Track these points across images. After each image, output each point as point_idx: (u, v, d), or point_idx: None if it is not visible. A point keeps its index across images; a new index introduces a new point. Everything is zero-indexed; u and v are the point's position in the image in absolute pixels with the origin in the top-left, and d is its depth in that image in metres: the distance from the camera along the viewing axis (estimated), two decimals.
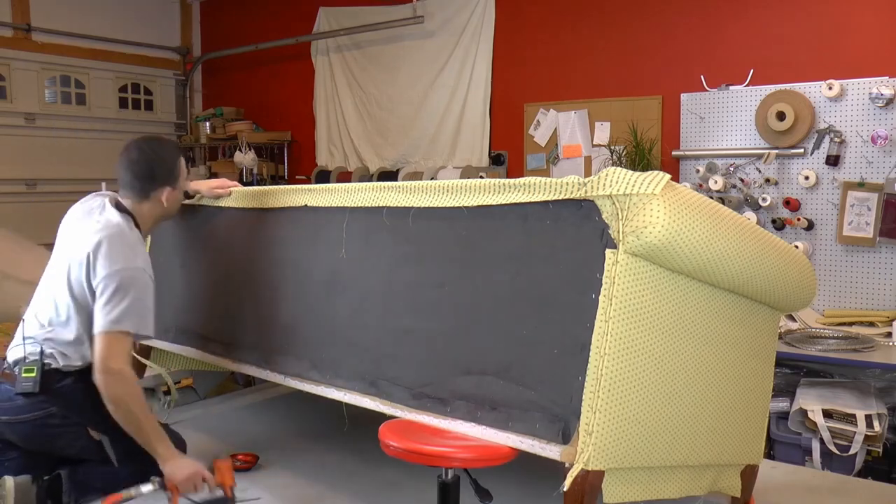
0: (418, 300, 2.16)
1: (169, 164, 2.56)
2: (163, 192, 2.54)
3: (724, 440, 2.07)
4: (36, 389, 2.36)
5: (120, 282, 2.35)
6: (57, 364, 2.41)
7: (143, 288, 2.41)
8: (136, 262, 2.41)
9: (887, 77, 3.65)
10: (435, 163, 5.38)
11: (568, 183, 1.80)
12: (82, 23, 6.21)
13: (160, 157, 2.55)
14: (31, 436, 2.41)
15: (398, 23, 5.42)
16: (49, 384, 2.39)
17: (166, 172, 2.55)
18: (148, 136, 2.70)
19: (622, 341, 1.71)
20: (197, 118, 6.76)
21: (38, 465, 2.43)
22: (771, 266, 1.98)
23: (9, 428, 2.40)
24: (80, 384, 2.43)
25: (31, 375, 2.37)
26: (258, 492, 2.50)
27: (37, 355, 2.40)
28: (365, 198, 2.32)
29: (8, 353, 2.49)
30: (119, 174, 2.54)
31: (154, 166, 2.53)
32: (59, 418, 2.40)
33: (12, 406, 2.38)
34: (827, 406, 3.14)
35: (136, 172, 2.51)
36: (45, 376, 2.38)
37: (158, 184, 2.53)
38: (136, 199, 2.54)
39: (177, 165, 2.59)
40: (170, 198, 2.57)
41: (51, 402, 2.39)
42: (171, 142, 2.60)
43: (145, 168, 2.52)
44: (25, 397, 2.37)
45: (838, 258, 3.83)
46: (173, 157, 2.59)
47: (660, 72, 4.44)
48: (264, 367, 2.66)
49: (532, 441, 1.84)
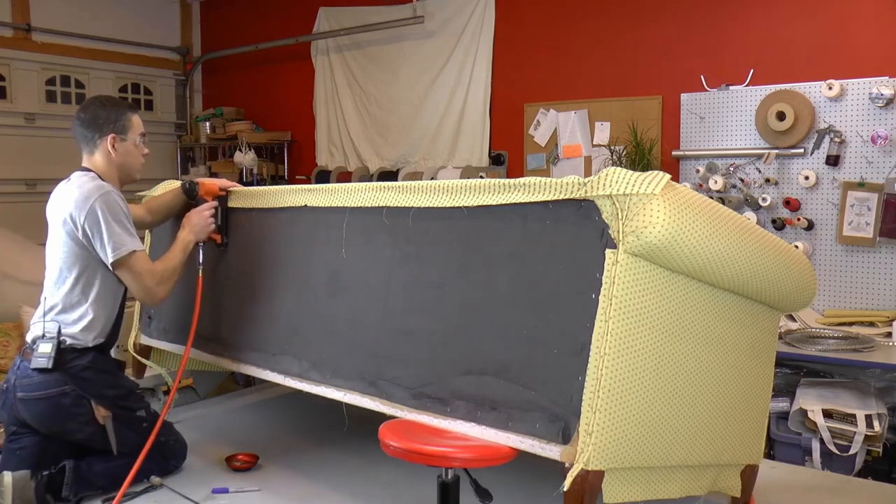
0: (418, 300, 2.16)
1: (114, 110, 2.62)
2: (109, 140, 2.59)
3: (724, 440, 2.07)
4: (50, 365, 2.43)
5: (100, 213, 2.44)
6: (72, 341, 2.48)
7: (118, 207, 2.49)
8: (103, 188, 2.50)
9: (887, 77, 3.65)
10: (435, 163, 5.38)
11: (568, 183, 1.80)
12: (82, 23, 6.20)
13: (106, 105, 2.64)
14: (44, 414, 2.46)
15: (398, 23, 5.42)
16: (64, 362, 2.45)
17: (111, 118, 2.59)
18: (101, 94, 2.83)
19: (622, 341, 1.71)
20: (197, 118, 6.76)
21: (45, 457, 2.48)
22: (771, 266, 1.98)
23: (24, 406, 2.46)
24: (94, 364, 2.50)
25: (45, 351, 2.44)
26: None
27: (54, 332, 2.47)
28: (365, 198, 2.32)
29: (28, 334, 2.57)
30: (72, 133, 2.64)
31: (98, 111, 2.60)
32: (72, 398, 2.46)
33: (30, 383, 2.45)
34: (827, 406, 3.14)
35: (82, 120, 2.60)
36: (60, 353, 2.45)
37: (104, 130, 2.59)
38: (88, 151, 2.62)
39: (123, 115, 2.63)
40: (119, 148, 2.61)
41: (65, 380, 2.45)
42: (122, 100, 2.78)
43: (90, 116, 2.60)
44: (41, 374, 2.44)
45: (838, 258, 3.83)
46: (120, 107, 2.66)
47: (660, 72, 4.44)
48: (264, 367, 2.66)
49: (532, 441, 1.84)
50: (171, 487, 2.53)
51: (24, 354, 2.52)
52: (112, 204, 2.46)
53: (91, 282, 2.51)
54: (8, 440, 2.52)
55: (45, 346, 2.45)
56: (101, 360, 2.55)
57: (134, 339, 3.27)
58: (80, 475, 2.45)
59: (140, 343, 3.26)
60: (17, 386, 2.46)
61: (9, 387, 2.48)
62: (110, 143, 2.58)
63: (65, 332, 2.48)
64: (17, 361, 2.53)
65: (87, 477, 2.47)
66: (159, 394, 3.39)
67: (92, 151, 2.60)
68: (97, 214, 2.43)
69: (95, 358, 2.52)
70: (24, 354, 2.52)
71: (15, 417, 2.49)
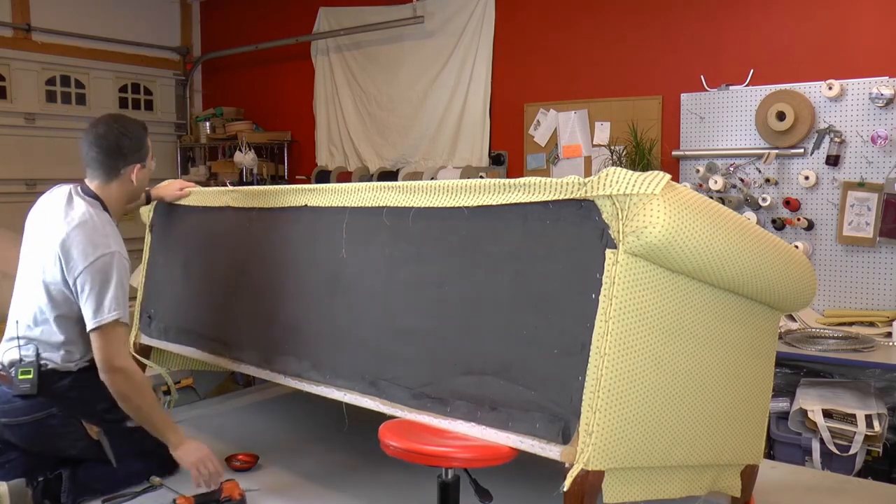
0: (418, 300, 2.16)
1: (137, 139, 2.49)
2: (132, 170, 2.48)
3: (724, 440, 2.07)
4: (34, 391, 2.35)
5: (100, 272, 2.30)
6: (54, 364, 2.40)
7: (123, 272, 2.36)
8: (111, 247, 2.35)
9: (887, 77, 3.65)
10: (435, 163, 5.38)
11: (568, 183, 1.80)
12: (82, 23, 6.21)
13: (129, 132, 2.47)
14: (32, 437, 2.40)
15: (398, 23, 5.42)
16: (48, 385, 2.38)
17: (136, 147, 2.48)
18: (114, 114, 2.65)
19: (622, 341, 1.71)
20: (197, 118, 6.76)
21: (39, 465, 2.42)
22: (771, 266, 1.98)
23: (9, 430, 2.40)
24: (78, 383, 2.43)
25: (28, 377, 2.35)
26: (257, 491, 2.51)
27: (32, 357, 2.38)
28: (365, 198, 2.32)
29: (1, 355, 2.46)
30: (85, 152, 2.46)
31: (123, 140, 2.45)
32: (60, 419, 2.40)
33: (12, 408, 2.37)
34: (827, 406, 3.14)
35: (104, 147, 2.43)
36: (42, 377, 2.37)
37: (128, 160, 2.47)
38: (103, 178, 2.47)
39: (144, 142, 2.52)
40: (139, 176, 2.51)
41: (50, 402, 2.38)
42: (137, 120, 2.57)
43: (114, 143, 2.43)
44: (24, 399, 2.36)
45: (838, 258, 3.83)
46: (141, 133, 2.52)
47: (660, 72, 4.44)
48: (264, 367, 2.66)
49: (532, 441, 1.84)
50: (171, 487, 2.53)
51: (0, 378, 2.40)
52: (123, 273, 2.34)
53: (71, 315, 2.39)
54: None
55: (25, 373, 2.34)
56: (84, 377, 2.43)
57: (134, 339, 3.27)
58: (77, 481, 2.41)
59: (140, 343, 3.26)
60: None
61: None
62: (135, 173, 2.49)
63: (44, 356, 2.38)
64: None
65: (86, 482, 2.43)
66: (159, 394, 3.39)
67: (110, 180, 2.46)
68: (101, 275, 2.29)
69: (79, 376, 2.43)
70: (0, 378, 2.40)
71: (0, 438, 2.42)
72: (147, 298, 3.26)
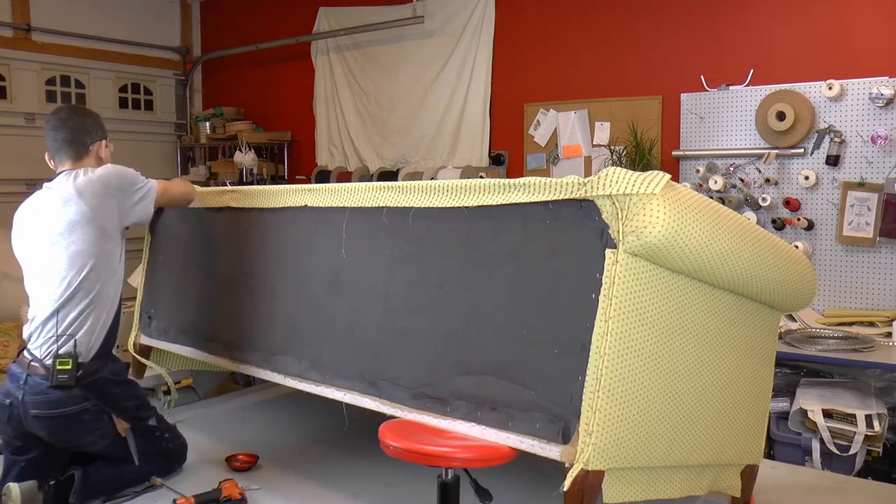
0: (418, 300, 2.16)
1: (96, 118, 2.65)
2: (100, 146, 2.61)
3: (724, 440, 2.07)
4: (73, 383, 2.37)
5: (114, 170, 2.49)
6: (85, 358, 2.43)
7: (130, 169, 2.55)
8: (108, 167, 2.52)
9: (887, 77, 3.65)
10: (435, 163, 5.38)
11: (568, 183, 1.80)
12: (82, 23, 6.20)
13: (88, 113, 2.67)
14: (63, 430, 2.41)
15: (398, 23, 5.42)
16: (84, 376, 2.41)
17: (98, 125, 2.62)
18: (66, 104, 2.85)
19: (622, 341, 1.71)
20: (197, 118, 6.75)
21: (51, 466, 2.44)
22: (771, 266, 1.98)
23: (39, 422, 2.39)
24: (114, 375, 2.49)
25: (66, 368, 2.36)
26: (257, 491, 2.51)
27: (71, 348, 2.39)
28: (365, 198, 2.32)
29: (33, 348, 2.45)
30: (52, 140, 2.55)
31: (86, 118, 2.61)
32: (93, 413, 2.43)
33: (47, 400, 2.37)
34: (827, 406, 3.14)
35: (71, 127, 2.55)
36: (78, 368, 2.39)
37: (94, 136, 2.59)
38: (74, 157, 2.56)
39: (101, 123, 2.66)
40: (105, 153, 2.64)
41: (85, 395, 2.41)
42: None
43: (78, 122, 2.58)
44: (59, 390, 2.37)
45: (838, 258, 3.83)
46: (97, 116, 2.67)
47: (660, 72, 4.44)
48: (264, 367, 2.66)
49: (532, 441, 1.84)
50: (171, 488, 2.53)
51: (29, 368, 2.39)
52: (122, 168, 2.52)
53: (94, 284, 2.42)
54: (11, 452, 2.47)
55: (63, 363, 2.36)
56: (118, 370, 2.53)
57: (134, 339, 3.27)
58: (87, 483, 2.43)
59: (140, 343, 3.26)
60: (30, 403, 2.36)
61: (15, 402, 2.38)
62: (102, 149, 2.62)
63: (79, 342, 2.40)
64: (23, 376, 2.39)
65: (94, 484, 2.45)
66: (159, 394, 3.39)
67: (81, 157, 2.56)
68: (113, 174, 2.47)
69: (113, 369, 2.50)
70: (29, 368, 2.39)
71: (22, 432, 2.41)
72: (147, 298, 3.26)
